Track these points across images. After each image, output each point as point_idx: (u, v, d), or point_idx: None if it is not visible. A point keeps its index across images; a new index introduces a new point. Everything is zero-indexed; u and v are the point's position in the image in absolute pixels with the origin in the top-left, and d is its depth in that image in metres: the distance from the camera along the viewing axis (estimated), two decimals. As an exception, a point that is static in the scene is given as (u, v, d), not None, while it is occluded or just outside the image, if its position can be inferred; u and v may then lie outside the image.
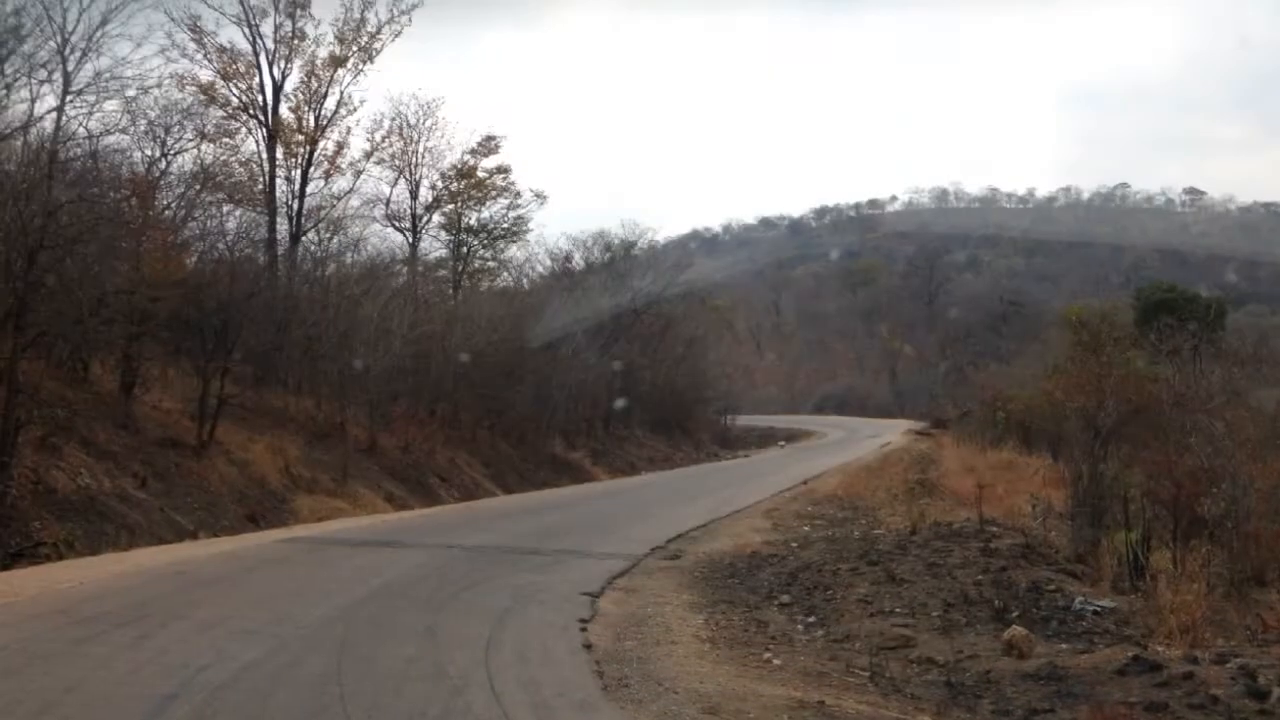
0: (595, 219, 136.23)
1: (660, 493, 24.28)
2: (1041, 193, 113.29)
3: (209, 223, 24.17)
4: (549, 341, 33.77)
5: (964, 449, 29.46)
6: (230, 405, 19.53)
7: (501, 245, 40.42)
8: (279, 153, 30.07)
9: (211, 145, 26.97)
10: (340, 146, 31.62)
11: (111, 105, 21.52)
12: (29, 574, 10.38)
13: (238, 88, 29.54)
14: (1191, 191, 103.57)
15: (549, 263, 44.53)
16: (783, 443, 50.33)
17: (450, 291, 37.05)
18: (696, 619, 9.53)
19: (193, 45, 28.35)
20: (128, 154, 21.99)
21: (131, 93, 21.81)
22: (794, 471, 27.87)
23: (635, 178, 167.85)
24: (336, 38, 30.59)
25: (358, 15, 30.69)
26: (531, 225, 40.59)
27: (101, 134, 20.72)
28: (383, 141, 34.22)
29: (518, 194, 38.76)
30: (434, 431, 26.77)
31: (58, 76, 20.52)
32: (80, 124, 20.71)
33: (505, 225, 39.38)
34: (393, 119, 35.63)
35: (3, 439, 13.20)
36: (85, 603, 8.68)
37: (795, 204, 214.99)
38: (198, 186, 23.55)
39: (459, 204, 38.03)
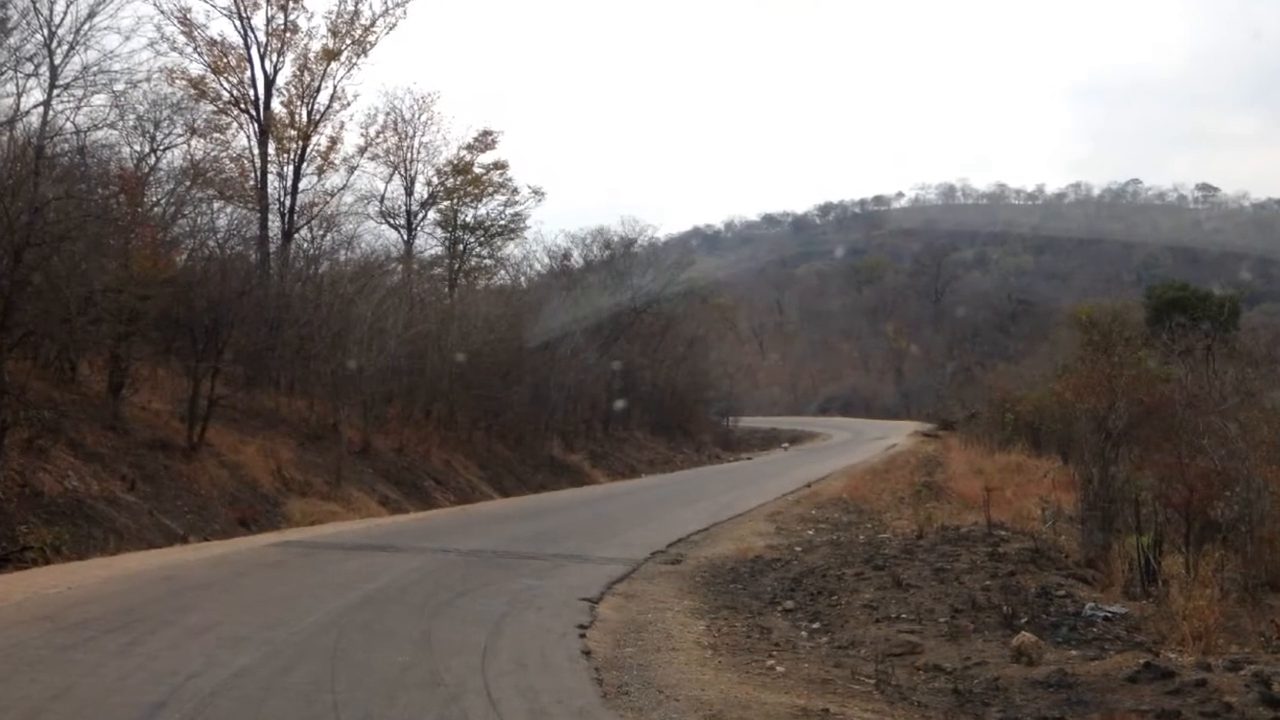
0: (594, 216, 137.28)
1: (660, 496, 24.20)
2: (1051, 189, 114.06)
3: (199, 220, 24.07)
4: (547, 341, 33.55)
5: (971, 451, 29.34)
6: (221, 406, 19.39)
7: (498, 243, 40.51)
8: (271, 148, 30.00)
9: (202, 140, 27.04)
10: (333, 142, 31.66)
11: (100, 99, 21.48)
12: (15, 579, 10.25)
13: (228, 82, 29.52)
14: (1204, 188, 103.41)
15: (547, 261, 44.61)
16: (786, 445, 50.28)
17: (446, 290, 36.92)
18: (698, 625, 9.47)
19: (182, 38, 28.41)
20: (116, 149, 22.04)
21: (120, 87, 21.85)
22: (798, 474, 27.76)
23: (635, 174, 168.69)
24: (330, 31, 30.64)
25: (351, 8, 30.74)
26: (529, 222, 40.79)
27: (89, 129, 20.73)
28: (377, 137, 34.28)
29: (515, 190, 38.83)
30: (429, 433, 26.61)
31: (44, 70, 20.50)
32: (68, 118, 20.70)
33: (502, 222, 39.44)
34: (387, 114, 35.83)
35: (-11, 441, 13.01)
36: (72, 608, 8.60)
37: (799, 200, 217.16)
38: (188, 182, 23.46)
39: (455, 200, 37.99)
